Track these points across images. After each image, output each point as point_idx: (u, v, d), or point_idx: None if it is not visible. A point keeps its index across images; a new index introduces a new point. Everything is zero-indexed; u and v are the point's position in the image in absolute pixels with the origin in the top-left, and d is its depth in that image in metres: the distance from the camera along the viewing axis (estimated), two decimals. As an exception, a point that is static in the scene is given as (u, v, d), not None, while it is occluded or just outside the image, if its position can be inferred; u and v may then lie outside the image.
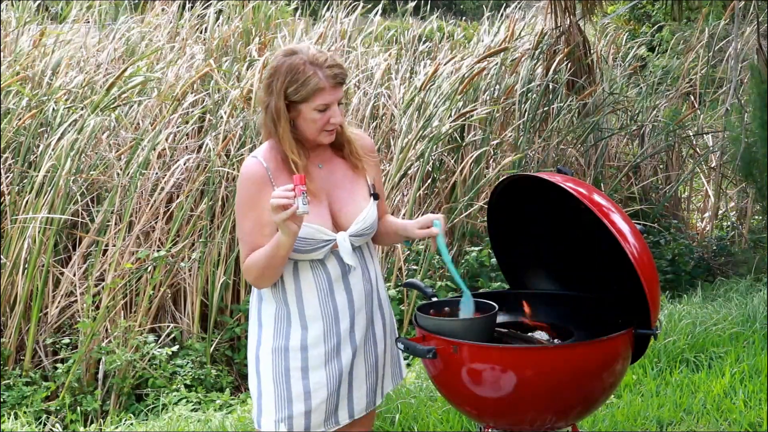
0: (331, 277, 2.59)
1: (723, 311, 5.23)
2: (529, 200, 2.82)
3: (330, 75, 2.49)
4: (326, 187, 2.62)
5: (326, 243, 2.55)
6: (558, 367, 2.45)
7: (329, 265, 2.59)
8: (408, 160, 5.85)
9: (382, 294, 2.74)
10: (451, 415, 3.93)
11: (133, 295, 5.22)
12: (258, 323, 2.65)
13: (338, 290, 2.60)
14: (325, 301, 2.59)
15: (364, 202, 2.65)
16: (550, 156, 6.59)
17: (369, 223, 2.63)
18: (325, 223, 2.56)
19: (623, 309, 2.61)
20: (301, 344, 2.58)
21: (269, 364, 2.60)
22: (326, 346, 2.59)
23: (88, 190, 5.54)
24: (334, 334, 2.60)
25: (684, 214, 7.45)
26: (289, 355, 2.59)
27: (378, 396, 2.75)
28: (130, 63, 6.03)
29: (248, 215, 2.54)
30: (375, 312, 2.70)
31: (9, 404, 4.59)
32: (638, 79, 8.17)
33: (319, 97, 2.50)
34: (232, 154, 5.64)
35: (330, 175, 2.64)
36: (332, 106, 2.52)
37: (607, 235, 2.45)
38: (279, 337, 2.60)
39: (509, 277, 3.07)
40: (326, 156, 2.66)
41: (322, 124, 2.53)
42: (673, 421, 3.97)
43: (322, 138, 2.57)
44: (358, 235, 2.61)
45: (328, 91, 2.50)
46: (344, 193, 2.64)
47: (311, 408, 2.59)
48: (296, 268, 2.58)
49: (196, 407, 4.51)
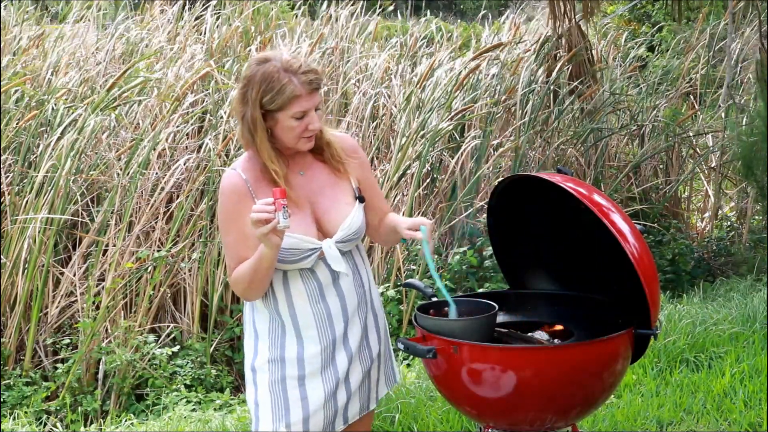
0: (322, 283, 2.57)
1: (723, 311, 5.23)
2: (529, 200, 2.81)
3: (305, 81, 2.44)
4: (308, 195, 2.58)
5: (312, 251, 2.52)
6: (558, 367, 2.45)
7: (318, 271, 2.56)
8: (407, 160, 5.85)
9: (375, 298, 2.72)
10: (451, 415, 3.93)
11: (133, 295, 5.22)
12: (254, 335, 2.63)
13: (330, 295, 2.58)
14: (317, 307, 2.57)
15: (348, 207, 2.61)
16: (550, 156, 6.58)
17: (355, 228, 2.59)
18: (309, 231, 2.53)
19: (623, 309, 2.61)
20: (297, 354, 2.57)
21: (266, 374, 2.58)
22: (322, 353, 2.57)
23: (88, 190, 5.54)
24: (329, 339, 2.58)
25: (684, 214, 7.44)
26: (285, 365, 2.57)
27: (372, 401, 2.74)
28: (131, 64, 6.03)
29: (231, 228, 2.51)
30: (369, 317, 2.69)
31: (9, 404, 4.59)
32: (638, 80, 8.17)
33: (296, 105, 2.44)
34: (232, 154, 5.64)
35: (311, 182, 2.60)
36: (310, 113, 2.47)
37: (607, 235, 2.45)
38: (274, 347, 2.58)
39: (509, 277, 3.07)
40: (306, 162, 2.62)
41: (300, 131, 2.49)
42: (673, 421, 3.97)
43: (301, 145, 2.53)
44: (344, 241, 2.58)
45: (304, 98, 2.45)
46: (327, 200, 2.60)
47: (308, 415, 2.57)
48: (286, 278, 2.55)
49: (196, 407, 4.50)
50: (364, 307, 2.66)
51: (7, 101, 5.86)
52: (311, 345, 2.57)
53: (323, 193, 2.60)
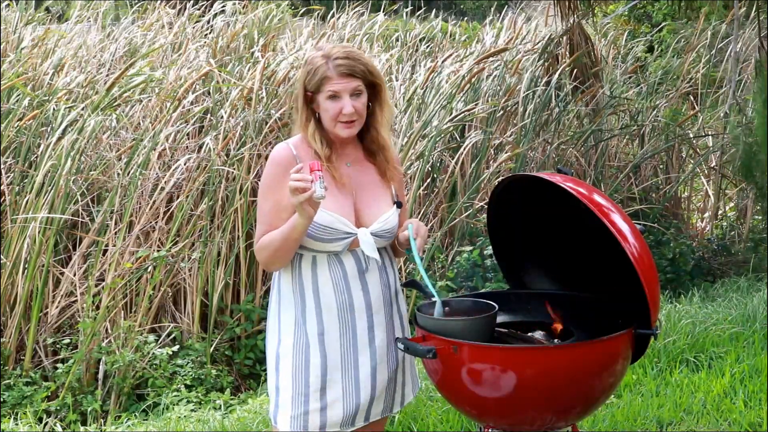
0: (347, 273, 2.64)
1: (723, 311, 5.24)
2: (529, 200, 2.82)
3: (337, 65, 2.58)
4: (353, 185, 2.67)
5: (346, 236, 2.61)
6: (558, 367, 2.45)
7: (346, 261, 2.64)
8: (408, 160, 5.85)
9: (401, 303, 2.79)
10: (451, 415, 3.93)
11: (133, 295, 5.22)
12: (277, 320, 2.70)
13: (354, 286, 2.64)
14: (342, 296, 2.63)
15: (387, 207, 2.71)
16: (550, 156, 6.58)
17: (390, 225, 2.68)
18: (348, 215, 2.62)
19: (623, 309, 2.61)
20: (318, 336, 2.62)
21: (289, 359, 2.64)
22: (342, 339, 2.63)
23: (88, 190, 5.54)
24: (350, 329, 2.64)
25: (684, 214, 7.44)
26: (309, 350, 2.62)
27: (397, 404, 2.79)
28: (131, 63, 6.03)
29: (269, 197, 2.62)
30: (395, 320, 2.74)
31: (9, 404, 4.59)
32: (638, 80, 8.16)
33: (327, 85, 2.57)
34: (232, 153, 5.64)
35: (358, 176, 2.70)
36: (343, 97, 2.58)
37: (607, 235, 2.45)
38: (299, 332, 2.64)
39: (509, 277, 3.07)
40: (357, 157, 2.73)
41: (334, 113, 2.59)
42: (673, 421, 3.97)
43: (339, 130, 2.62)
44: (378, 235, 2.65)
45: (334, 80, 2.57)
46: (369, 195, 2.69)
47: (326, 404, 2.62)
48: (314, 263, 2.63)
49: (196, 407, 4.51)
50: (389, 309, 2.72)
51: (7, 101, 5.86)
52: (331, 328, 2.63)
53: (368, 188, 2.70)
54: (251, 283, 5.53)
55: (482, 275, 5.51)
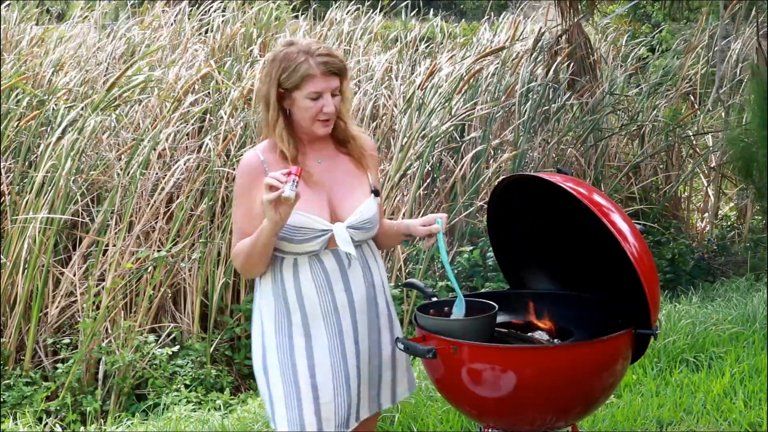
0: (329, 272, 2.61)
1: (723, 311, 5.23)
2: (529, 200, 2.82)
3: (321, 63, 2.53)
4: (325, 182, 2.63)
5: (321, 233, 2.57)
6: (558, 367, 2.45)
7: (326, 260, 2.61)
8: (408, 160, 5.85)
9: (389, 301, 2.75)
10: (451, 415, 3.93)
11: (133, 295, 5.22)
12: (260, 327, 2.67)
13: (337, 286, 2.61)
14: (325, 297, 2.60)
15: (364, 197, 2.67)
16: (550, 156, 6.58)
17: (368, 216, 2.64)
18: (322, 213, 2.58)
19: (623, 309, 2.61)
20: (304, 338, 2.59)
21: (275, 363, 2.61)
22: (329, 341, 2.60)
23: (88, 190, 5.54)
24: (335, 329, 2.61)
25: (684, 214, 7.44)
26: (294, 353, 2.59)
27: (385, 400, 2.77)
28: (131, 63, 6.03)
29: (240, 203, 2.60)
30: (382, 319, 2.71)
31: (9, 404, 4.59)
32: (638, 79, 8.17)
33: (310, 84, 2.52)
34: (232, 154, 5.64)
35: (330, 172, 2.66)
36: (325, 95, 2.55)
37: (607, 235, 2.45)
38: (282, 335, 2.61)
39: (509, 277, 3.07)
40: (328, 152, 2.69)
41: (315, 112, 2.56)
42: (673, 421, 3.97)
43: (317, 129, 2.59)
44: (356, 227, 2.62)
45: (318, 78, 2.52)
46: (344, 188, 2.66)
47: (320, 405, 2.59)
48: (296, 265, 2.60)
49: (196, 407, 4.50)
50: (374, 307, 2.68)
51: (6, 101, 5.86)
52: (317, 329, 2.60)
53: (342, 182, 2.67)
54: (251, 283, 5.52)
55: (482, 275, 5.51)
